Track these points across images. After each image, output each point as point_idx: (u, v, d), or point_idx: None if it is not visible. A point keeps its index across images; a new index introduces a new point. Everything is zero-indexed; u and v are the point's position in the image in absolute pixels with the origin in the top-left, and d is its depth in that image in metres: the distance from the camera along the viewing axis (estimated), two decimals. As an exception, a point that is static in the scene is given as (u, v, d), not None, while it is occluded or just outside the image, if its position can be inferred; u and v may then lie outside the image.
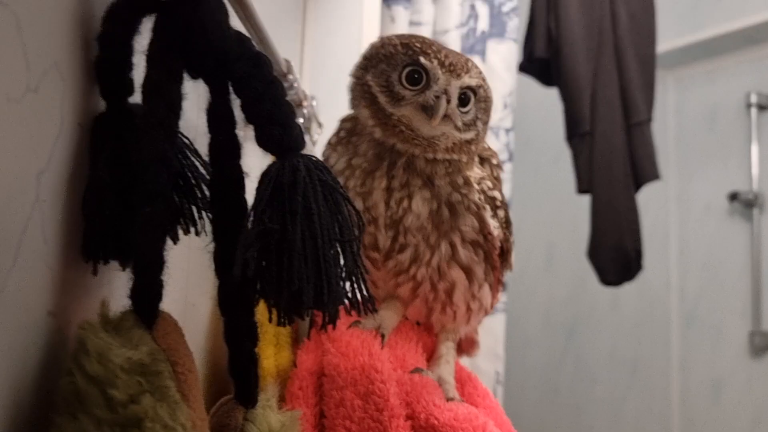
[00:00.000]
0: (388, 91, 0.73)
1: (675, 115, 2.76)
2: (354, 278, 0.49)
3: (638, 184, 1.77)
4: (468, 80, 0.73)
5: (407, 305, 0.80)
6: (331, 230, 0.46)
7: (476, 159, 0.79)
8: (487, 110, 0.77)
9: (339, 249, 0.47)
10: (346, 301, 0.49)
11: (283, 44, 1.01)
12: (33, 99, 0.40)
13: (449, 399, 0.75)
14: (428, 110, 0.71)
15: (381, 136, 0.74)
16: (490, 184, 0.78)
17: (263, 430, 0.49)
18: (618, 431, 2.76)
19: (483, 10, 1.58)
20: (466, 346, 0.93)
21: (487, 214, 0.76)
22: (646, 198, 1.98)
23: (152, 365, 0.40)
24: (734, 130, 2.59)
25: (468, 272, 0.77)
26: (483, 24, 1.57)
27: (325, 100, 1.21)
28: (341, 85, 1.32)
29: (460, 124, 0.74)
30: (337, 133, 0.80)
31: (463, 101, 0.74)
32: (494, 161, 0.82)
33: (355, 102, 0.77)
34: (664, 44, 2.43)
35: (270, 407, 0.52)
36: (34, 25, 0.41)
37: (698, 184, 2.68)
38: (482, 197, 0.76)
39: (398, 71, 0.73)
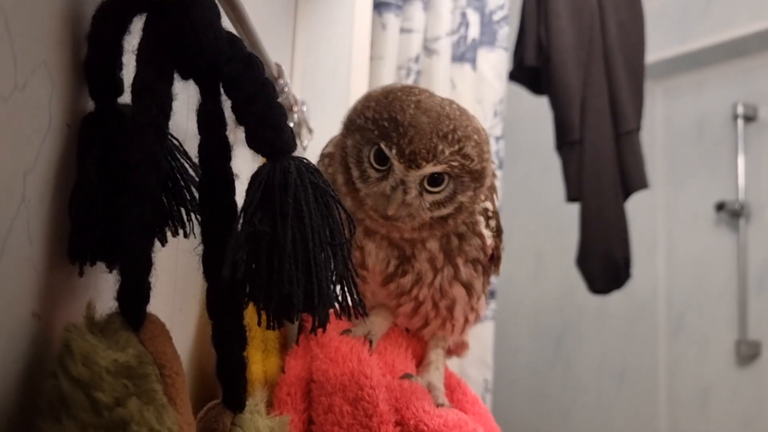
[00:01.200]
0: (358, 166, 0.71)
1: (663, 125, 2.79)
2: (345, 282, 0.49)
3: (627, 193, 1.78)
4: (431, 169, 0.68)
5: (399, 315, 0.80)
6: (322, 233, 0.46)
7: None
8: (477, 178, 0.72)
9: (330, 252, 0.47)
10: (337, 305, 0.49)
11: (273, 50, 1.01)
12: (20, 98, 0.40)
13: (439, 405, 0.74)
14: (386, 199, 0.70)
15: (351, 207, 0.71)
16: (482, 196, 0.78)
17: (251, 434, 0.48)
18: (605, 439, 2.78)
19: (474, 18, 1.58)
20: (456, 348, 0.92)
21: (481, 225, 0.76)
22: (634, 207, 1.99)
23: (139, 368, 0.39)
24: (721, 141, 2.61)
25: (468, 288, 0.78)
26: (474, 32, 1.58)
27: (315, 106, 1.21)
28: (331, 91, 1.33)
29: (426, 207, 0.71)
30: (325, 169, 0.78)
31: (435, 181, 0.70)
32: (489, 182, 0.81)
33: (335, 168, 0.75)
34: (652, 55, 2.45)
35: (258, 412, 0.51)
36: (23, 23, 0.40)
37: (686, 193, 2.69)
38: (477, 213, 0.76)
39: (368, 148, 0.70)
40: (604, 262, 1.73)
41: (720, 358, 2.52)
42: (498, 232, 0.80)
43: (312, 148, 1.00)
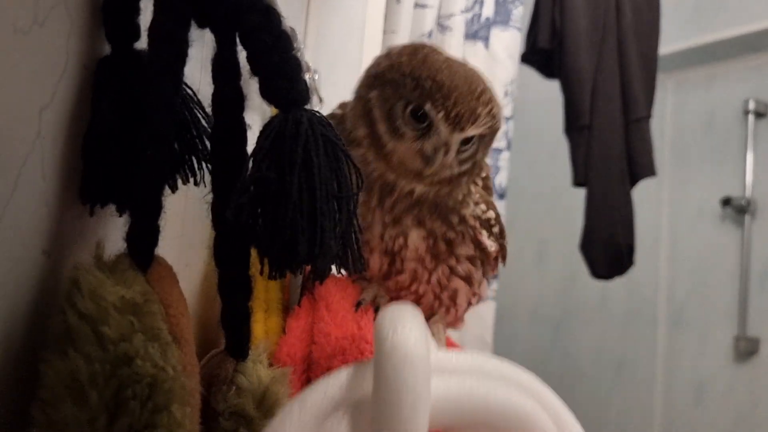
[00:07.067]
0: (388, 121, 0.70)
1: (673, 118, 2.77)
2: (347, 236, 0.48)
3: (634, 180, 1.78)
4: (473, 131, 0.69)
5: None
6: (329, 185, 0.46)
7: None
8: (494, 136, 0.74)
9: (336, 205, 0.46)
10: (337, 259, 0.49)
11: (287, 17, 1.01)
12: (39, 33, 0.40)
13: None
14: (424, 158, 0.69)
15: (373, 161, 0.70)
16: (484, 206, 0.77)
17: (253, 381, 0.49)
18: (601, 428, 2.79)
19: (489, -3, 1.58)
20: (452, 321, 0.93)
21: (483, 236, 0.76)
22: (640, 199, 1.98)
23: (145, 306, 0.40)
24: (731, 136, 2.59)
25: (468, 279, 0.78)
26: (488, 11, 1.57)
27: (326, 76, 1.21)
28: (343, 62, 1.33)
29: (456, 164, 0.71)
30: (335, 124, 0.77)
31: (466, 141, 0.70)
32: (484, 174, 0.80)
33: (355, 120, 0.72)
34: (665, 47, 2.42)
35: (260, 362, 0.52)
36: (43, -42, 0.40)
37: (692, 187, 2.68)
38: (478, 223, 0.76)
39: (403, 104, 0.69)
40: (608, 248, 1.74)
41: (718, 353, 2.52)
42: (501, 234, 0.80)
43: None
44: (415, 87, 0.68)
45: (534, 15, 1.84)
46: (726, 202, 2.53)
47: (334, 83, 1.24)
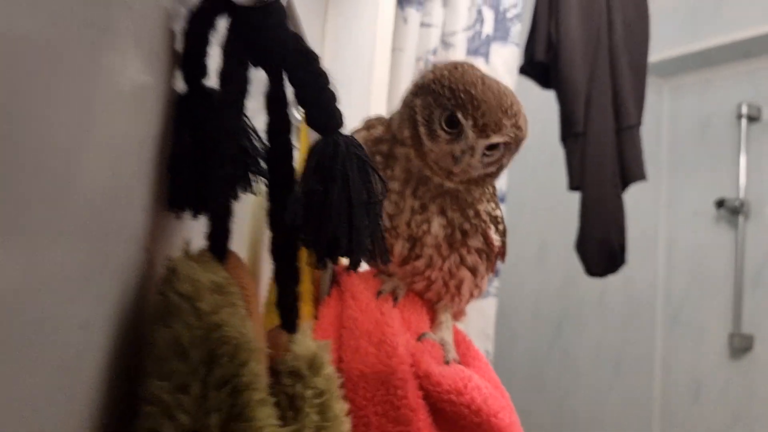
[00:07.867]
0: (427, 125, 0.81)
1: (668, 122, 2.80)
2: (375, 235, 0.60)
3: (625, 184, 1.85)
4: (496, 139, 0.79)
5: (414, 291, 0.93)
6: (361, 194, 0.57)
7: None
8: (519, 145, 0.84)
9: (365, 210, 0.58)
10: (368, 252, 0.61)
11: (308, 40, 1.12)
12: (137, 88, 0.52)
13: (448, 360, 0.87)
14: (454, 159, 0.81)
15: (414, 158, 0.83)
16: (493, 205, 0.89)
17: (304, 348, 0.61)
18: (599, 426, 2.82)
19: (489, 15, 1.68)
20: (455, 314, 1.05)
21: (491, 231, 0.89)
22: (637, 201, 2.04)
23: (227, 287, 0.51)
24: (725, 140, 2.64)
25: (474, 271, 0.91)
26: (488, 28, 1.68)
27: (340, 92, 1.32)
28: (355, 78, 1.44)
29: (481, 167, 0.82)
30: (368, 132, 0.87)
31: (492, 147, 0.81)
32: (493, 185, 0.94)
33: (401, 122, 0.84)
34: (661, 53, 2.47)
35: (308, 335, 0.64)
36: (139, 22, 0.52)
37: (688, 189, 2.73)
38: (488, 218, 0.88)
39: (440, 111, 0.80)
40: (601, 248, 1.81)
41: (714, 350, 2.57)
42: (504, 233, 0.93)
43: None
44: (451, 97, 0.79)
45: (531, 29, 1.92)
46: (720, 203, 2.59)
47: (347, 97, 1.35)
